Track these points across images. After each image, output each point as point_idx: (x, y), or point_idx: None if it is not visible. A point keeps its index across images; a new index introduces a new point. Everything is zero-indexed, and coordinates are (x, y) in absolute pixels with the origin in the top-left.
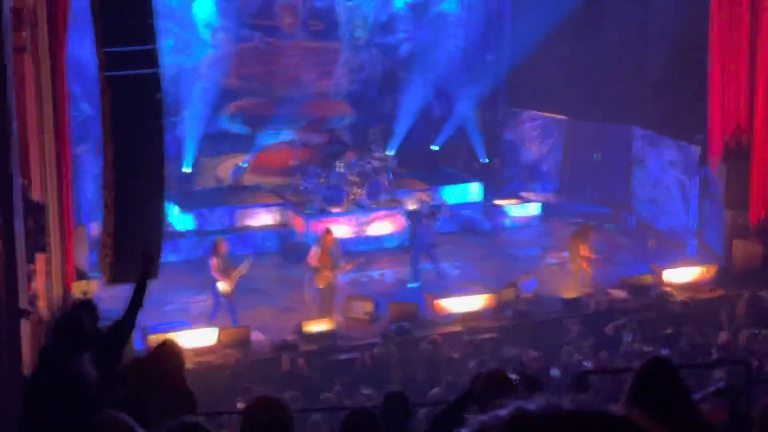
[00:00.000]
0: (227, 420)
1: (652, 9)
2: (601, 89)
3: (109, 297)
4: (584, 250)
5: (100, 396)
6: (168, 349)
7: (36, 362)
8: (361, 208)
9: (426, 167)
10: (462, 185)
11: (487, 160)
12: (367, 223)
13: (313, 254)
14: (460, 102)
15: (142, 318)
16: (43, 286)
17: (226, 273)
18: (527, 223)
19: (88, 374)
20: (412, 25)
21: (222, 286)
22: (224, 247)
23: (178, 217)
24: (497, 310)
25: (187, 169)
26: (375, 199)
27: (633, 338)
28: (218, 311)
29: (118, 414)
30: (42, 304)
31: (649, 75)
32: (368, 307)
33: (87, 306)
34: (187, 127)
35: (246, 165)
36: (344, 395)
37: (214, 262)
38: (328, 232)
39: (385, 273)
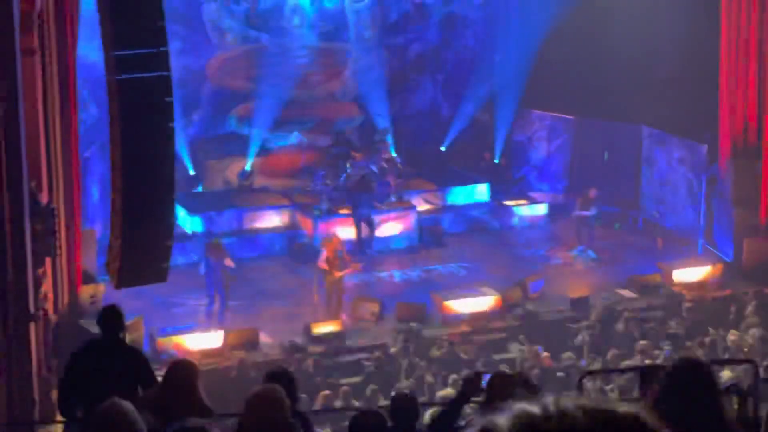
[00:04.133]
0: (235, 423)
1: (661, 8)
2: (609, 88)
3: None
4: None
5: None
6: (181, 368)
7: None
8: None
9: (434, 168)
10: (470, 185)
11: (496, 161)
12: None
13: (322, 257)
14: (468, 102)
15: (151, 320)
16: (51, 289)
17: None
18: (535, 222)
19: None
20: (420, 25)
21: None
22: None
23: (185, 220)
24: (505, 309)
25: (193, 172)
26: (383, 201)
27: (640, 337)
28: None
29: (125, 403)
30: (50, 307)
31: (657, 73)
32: (375, 308)
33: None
34: (195, 129)
35: (248, 168)
36: (351, 396)
37: (229, 260)
38: (334, 234)
39: (393, 273)
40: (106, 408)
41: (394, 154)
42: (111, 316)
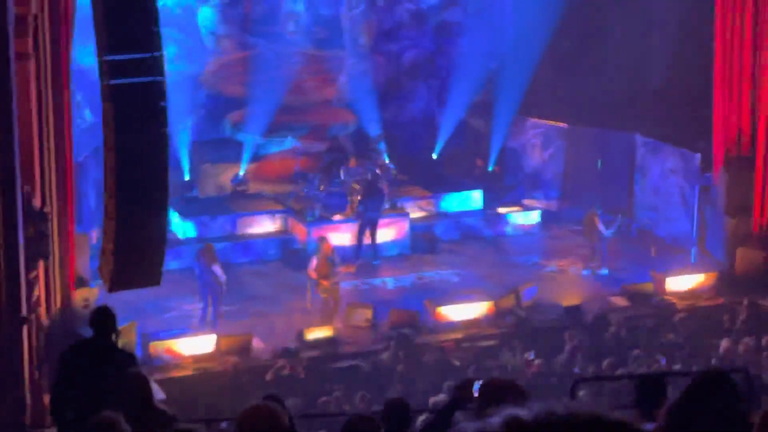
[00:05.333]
0: (227, 427)
1: (655, 17)
2: (603, 97)
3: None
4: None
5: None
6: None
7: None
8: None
9: (428, 175)
10: (463, 193)
11: (490, 168)
12: None
13: (313, 265)
14: (462, 109)
15: (144, 325)
16: (43, 293)
17: None
18: (528, 230)
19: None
20: (415, 32)
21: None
22: None
23: (179, 225)
24: (497, 317)
25: (188, 177)
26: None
27: (633, 346)
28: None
29: (115, 414)
30: (42, 311)
31: (651, 82)
32: (368, 314)
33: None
34: (190, 134)
35: (242, 173)
36: (344, 401)
37: (218, 266)
38: (324, 240)
39: (387, 280)
40: (97, 420)
41: (387, 161)
42: (102, 318)
